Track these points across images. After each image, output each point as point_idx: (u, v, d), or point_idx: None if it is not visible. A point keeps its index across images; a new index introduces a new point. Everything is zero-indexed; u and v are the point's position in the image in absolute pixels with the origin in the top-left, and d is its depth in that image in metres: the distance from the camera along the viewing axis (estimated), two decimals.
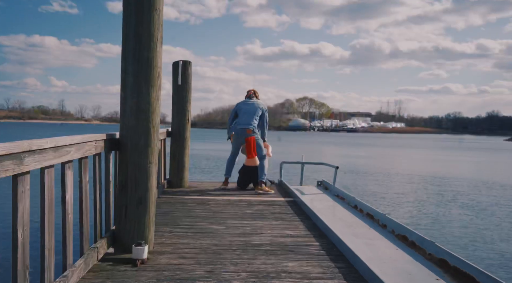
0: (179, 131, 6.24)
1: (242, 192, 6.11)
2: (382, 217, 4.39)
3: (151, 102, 3.15)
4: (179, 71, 6.17)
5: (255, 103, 6.31)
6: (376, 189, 14.66)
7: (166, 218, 4.29)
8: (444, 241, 7.31)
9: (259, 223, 4.18)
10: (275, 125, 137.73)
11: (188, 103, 6.28)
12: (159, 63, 3.21)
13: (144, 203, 3.16)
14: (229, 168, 6.39)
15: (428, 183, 16.66)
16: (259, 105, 6.30)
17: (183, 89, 6.22)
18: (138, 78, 3.10)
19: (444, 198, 12.82)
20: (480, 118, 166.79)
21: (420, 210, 10.81)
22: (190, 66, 6.30)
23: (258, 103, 6.31)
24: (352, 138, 78.18)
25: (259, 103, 6.32)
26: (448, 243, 7.21)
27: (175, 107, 6.26)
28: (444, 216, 10.10)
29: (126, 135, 3.15)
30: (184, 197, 5.51)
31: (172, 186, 6.27)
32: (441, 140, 79.13)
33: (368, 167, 22.73)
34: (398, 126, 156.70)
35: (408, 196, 13.26)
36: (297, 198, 5.42)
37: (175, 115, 6.27)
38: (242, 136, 6.16)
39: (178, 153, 6.24)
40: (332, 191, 6.42)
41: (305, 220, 4.44)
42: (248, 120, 6.17)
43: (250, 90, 6.53)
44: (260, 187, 6.00)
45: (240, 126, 6.22)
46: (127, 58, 3.12)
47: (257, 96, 6.53)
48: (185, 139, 6.27)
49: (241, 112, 6.31)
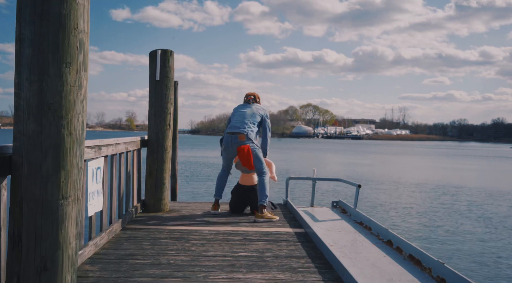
0: (157, 139, 4.88)
1: (236, 218, 4.74)
2: (435, 265, 3.01)
3: (69, 93, 1.81)
4: (157, 62, 4.83)
5: (254, 107, 4.98)
6: (384, 199, 13.73)
7: (120, 271, 2.91)
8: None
9: (257, 279, 2.80)
10: (279, 132, 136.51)
11: (169, 104, 4.93)
12: (83, 23, 1.86)
13: (53, 270, 1.80)
14: (219, 188, 4.99)
15: (438, 192, 15.74)
16: (258, 109, 4.96)
17: (163, 85, 4.87)
18: (41, 48, 1.75)
19: (456, 209, 12.25)
20: (486, 125, 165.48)
21: (430, 222, 10.22)
22: (172, 57, 4.96)
23: (257, 108, 4.98)
24: (357, 146, 76.75)
25: (258, 108, 4.99)
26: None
27: (153, 109, 4.91)
28: (458, 230, 9.44)
29: (19, 149, 1.80)
30: (159, 228, 4.13)
31: (148, 209, 4.90)
32: (446, 147, 77.56)
33: (375, 175, 21.74)
34: (403, 133, 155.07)
35: (417, 207, 12.47)
36: (309, 228, 4.03)
37: (152, 119, 4.91)
38: (233, 145, 4.75)
39: (156, 168, 4.88)
40: (353, 216, 5.04)
41: (323, 269, 3.05)
42: (241, 123, 4.79)
43: (249, 95, 5.15)
44: (260, 214, 4.61)
45: (229, 131, 4.82)
46: (24, 14, 1.78)
47: (259, 103, 5.19)
48: (165, 150, 4.91)
49: (235, 116, 4.95)
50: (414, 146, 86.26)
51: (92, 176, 3.22)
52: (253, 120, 4.81)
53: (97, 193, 3.31)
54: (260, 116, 4.90)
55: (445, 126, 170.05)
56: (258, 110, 4.93)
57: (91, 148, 3.07)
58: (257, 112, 4.90)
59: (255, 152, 4.71)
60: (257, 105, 5.04)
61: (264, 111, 5.01)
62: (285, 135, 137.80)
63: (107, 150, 3.48)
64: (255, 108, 4.95)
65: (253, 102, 5.08)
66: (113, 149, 3.66)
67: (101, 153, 3.31)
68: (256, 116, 4.86)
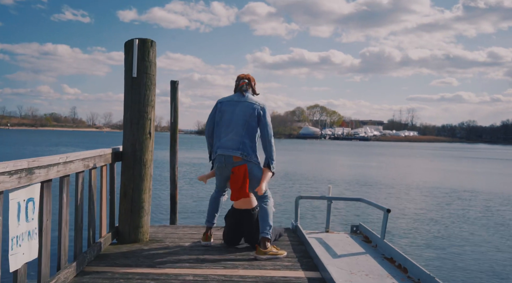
0: (133, 152, 3.87)
1: (233, 254, 3.72)
2: None
3: None
4: (134, 55, 3.84)
5: (248, 101, 3.71)
6: (394, 204, 12.78)
7: None
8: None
9: None
10: (286, 133, 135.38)
11: (149, 107, 3.93)
12: None
13: None
14: (212, 213, 3.95)
15: (452, 197, 14.84)
16: (254, 104, 3.69)
17: (141, 84, 3.87)
18: None
19: (470, 215, 11.60)
20: (495, 127, 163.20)
21: (444, 230, 9.55)
22: (153, 49, 3.96)
23: (252, 102, 3.70)
24: (365, 147, 75.52)
25: (253, 102, 3.72)
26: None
27: (128, 113, 3.91)
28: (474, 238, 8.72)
29: None
30: (128, 271, 3.11)
31: (122, 239, 3.90)
32: (456, 149, 76.12)
33: (385, 178, 20.79)
34: (411, 134, 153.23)
35: (432, 214, 11.55)
36: (326, 272, 3.01)
37: (127, 126, 3.91)
38: (227, 166, 3.68)
39: (133, 187, 3.87)
40: (380, 249, 4.02)
41: None
42: (234, 139, 3.63)
43: (242, 79, 3.83)
44: (263, 249, 3.57)
45: (221, 151, 3.71)
46: None
47: (254, 89, 3.93)
48: (143, 165, 3.90)
49: (223, 122, 3.77)
50: (422, 148, 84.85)
51: (18, 212, 2.23)
52: (250, 128, 3.66)
53: (28, 235, 2.32)
54: (257, 114, 3.65)
55: (454, 127, 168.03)
56: (254, 105, 3.68)
57: (10, 174, 2.09)
58: (253, 111, 3.65)
59: (253, 173, 3.63)
60: (251, 97, 3.77)
61: (263, 104, 3.71)
62: (292, 136, 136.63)
63: (47, 172, 2.48)
64: (250, 102, 3.69)
65: (247, 88, 3.81)
66: (59, 170, 2.67)
67: (32, 179, 2.32)
68: (253, 119, 3.64)
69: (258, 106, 3.70)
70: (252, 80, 3.89)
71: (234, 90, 3.87)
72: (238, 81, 3.85)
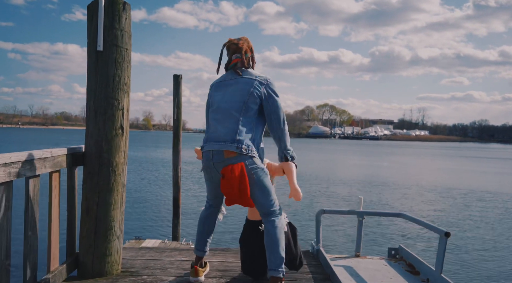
0: (99, 153, 2.83)
1: None
2: None
3: None
4: (100, 21, 2.80)
5: (245, 77, 2.63)
6: (408, 204, 11.80)
7: None
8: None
9: None
10: (295, 132, 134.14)
11: (121, 92, 2.88)
12: None
13: None
14: (202, 236, 2.88)
15: (472, 198, 14.19)
16: (254, 79, 2.61)
17: (109, 60, 2.83)
18: None
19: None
20: (507, 126, 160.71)
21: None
22: (128, 12, 2.92)
23: (251, 77, 2.62)
24: (375, 147, 74.20)
25: (253, 77, 2.62)
26: None
27: (91, 100, 2.86)
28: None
29: None
30: None
31: (84, 272, 2.86)
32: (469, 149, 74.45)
33: (398, 179, 19.98)
34: (422, 134, 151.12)
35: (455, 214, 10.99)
36: None
37: (91, 118, 2.86)
38: (216, 166, 2.56)
39: (98, 201, 2.83)
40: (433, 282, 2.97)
41: None
42: (227, 127, 2.54)
43: (234, 52, 2.71)
44: None
45: (208, 147, 2.62)
46: None
47: (253, 62, 2.76)
48: (113, 171, 2.86)
49: (213, 109, 2.68)
50: (434, 147, 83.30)
51: None
52: (249, 113, 2.56)
53: None
54: (259, 96, 2.56)
55: (466, 127, 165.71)
56: (254, 83, 2.58)
57: None
58: (253, 89, 2.56)
59: (258, 175, 2.52)
60: (250, 71, 2.68)
61: (266, 79, 2.62)
62: (301, 135, 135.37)
63: None
64: (249, 78, 2.61)
65: (243, 65, 2.69)
66: None
67: None
68: (253, 100, 2.55)
69: (260, 81, 2.60)
70: (248, 50, 2.73)
71: (225, 67, 2.78)
72: (230, 55, 2.74)
